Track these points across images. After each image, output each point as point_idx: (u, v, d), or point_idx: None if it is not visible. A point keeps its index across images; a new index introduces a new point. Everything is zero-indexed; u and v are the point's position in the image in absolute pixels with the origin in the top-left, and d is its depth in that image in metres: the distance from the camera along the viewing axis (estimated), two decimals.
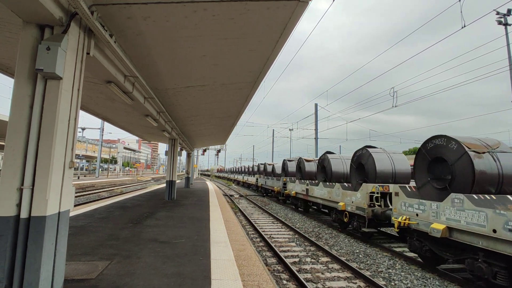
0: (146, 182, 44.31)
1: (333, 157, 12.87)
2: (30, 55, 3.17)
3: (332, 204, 11.23)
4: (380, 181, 9.49)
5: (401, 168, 9.88)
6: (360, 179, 10.12)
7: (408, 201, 7.05)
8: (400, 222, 6.99)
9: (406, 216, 7.00)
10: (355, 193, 9.55)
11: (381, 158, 9.83)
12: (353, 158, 10.73)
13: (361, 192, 9.22)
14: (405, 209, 7.09)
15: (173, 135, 14.15)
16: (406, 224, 6.92)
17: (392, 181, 9.63)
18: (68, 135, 3.42)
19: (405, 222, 6.92)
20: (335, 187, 11.01)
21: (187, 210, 11.02)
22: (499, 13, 15.41)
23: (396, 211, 7.44)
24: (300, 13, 3.95)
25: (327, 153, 13.29)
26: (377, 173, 9.54)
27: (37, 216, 3.05)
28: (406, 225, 6.92)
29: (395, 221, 7.18)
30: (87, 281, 3.91)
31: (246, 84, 7.49)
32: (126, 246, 5.73)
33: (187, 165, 27.37)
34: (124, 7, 3.71)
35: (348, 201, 9.94)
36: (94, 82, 6.71)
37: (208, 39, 4.71)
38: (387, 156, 9.96)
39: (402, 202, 7.21)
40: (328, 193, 11.57)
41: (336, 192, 10.89)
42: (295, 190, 15.77)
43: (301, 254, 7.77)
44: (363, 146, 10.53)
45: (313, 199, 13.28)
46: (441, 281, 5.96)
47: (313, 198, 13.16)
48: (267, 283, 4.18)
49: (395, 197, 7.49)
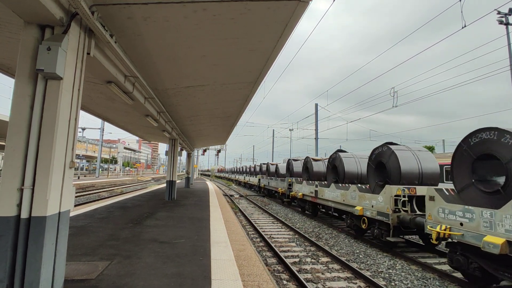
0: (146, 182, 44.33)
1: (346, 156, 11.83)
2: (31, 55, 3.17)
3: (346, 208, 10.13)
4: (405, 183, 8.35)
5: (428, 167, 8.66)
6: (380, 180, 9.01)
7: (448, 207, 5.94)
8: (439, 232, 5.88)
9: (446, 226, 5.87)
10: (376, 196, 8.46)
11: (406, 156, 8.62)
12: (371, 157, 9.54)
13: (384, 195, 8.10)
14: (445, 217, 5.97)
15: (173, 135, 14.16)
16: (446, 235, 5.83)
17: (418, 182, 8.50)
18: (68, 135, 3.43)
19: (446, 232, 5.79)
20: (350, 189, 9.96)
21: (187, 210, 11.02)
22: (500, 13, 15.40)
23: (431, 219, 6.33)
24: (301, 13, 3.95)
25: (338, 152, 12.31)
26: (401, 174, 8.34)
27: (37, 216, 3.05)
28: (447, 236, 5.82)
29: (432, 231, 6.07)
30: (87, 281, 3.91)
31: (246, 84, 7.49)
32: (126, 246, 5.73)
33: (187, 165, 27.38)
34: (124, 7, 3.72)
35: (366, 205, 8.86)
36: (95, 82, 6.71)
37: (208, 39, 4.71)
38: (412, 154, 8.78)
39: (440, 209, 6.12)
40: (342, 195, 10.45)
41: (352, 194, 9.81)
42: (302, 192, 14.72)
43: (301, 254, 7.77)
44: (383, 143, 9.39)
45: (323, 202, 12.24)
46: (441, 281, 5.96)
47: (323, 200, 12.13)
48: (267, 283, 4.18)
49: (429, 202, 6.40)
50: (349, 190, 10.04)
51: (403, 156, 8.65)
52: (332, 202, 11.37)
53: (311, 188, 13.59)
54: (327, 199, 11.73)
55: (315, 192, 12.99)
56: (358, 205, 9.32)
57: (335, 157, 12.19)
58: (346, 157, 11.78)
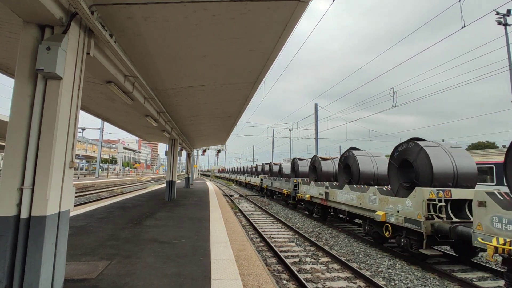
0: (146, 182, 44.31)
1: (361, 154, 10.68)
2: (31, 55, 3.17)
3: (364, 213, 9.02)
4: (437, 184, 7.12)
5: (464, 166, 7.44)
6: (406, 181, 7.85)
7: (507, 216, 4.89)
8: (498, 247, 4.84)
9: (507, 239, 4.81)
10: (402, 200, 7.27)
11: (437, 153, 7.44)
12: (393, 154, 8.43)
13: (414, 199, 6.91)
14: (503, 228, 4.95)
15: (173, 135, 14.15)
16: (506, 251, 4.77)
17: (453, 184, 7.28)
18: (68, 135, 3.42)
19: (507, 248, 4.75)
20: (369, 192, 8.79)
21: (187, 210, 11.02)
22: (499, 13, 15.43)
23: (481, 229, 5.31)
24: (300, 13, 3.96)
25: (352, 150, 11.13)
26: (434, 174, 7.08)
27: (37, 216, 3.05)
28: (506, 252, 4.76)
29: (488, 245, 5.03)
30: (87, 281, 3.91)
31: (246, 84, 7.50)
32: (126, 246, 5.72)
33: (187, 165, 27.37)
34: (124, 7, 3.72)
35: (390, 210, 7.70)
36: (94, 82, 6.71)
37: (208, 39, 4.71)
38: (444, 151, 7.57)
39: (495, 217, 5.08)
40: (358, 198, 9.28)
41: (371, 197, 8.64)
42: (309, 194, 13.50)
43: (301, 254, 7.77)
44: (408, 139, 8.20)
45: (334, 205, 11.04)
46: (441, 281, 5.96)
47: (335, 203, 10.96)
48: (267, 283, 4.18)
49: (479, 208, 5.40)
50: (368, 193, 8.86)
51: (435, 153, 7.37)
52: (346, 206, 10.20)
53: (320, 189, 12.42)
54: (340, 202, 10.52)
55: (325, 194, 11.77)
56: (379, 210, 8.13)
57: (348, 155, 11.08)
58: (361, 155, 10.60)
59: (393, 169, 8.43)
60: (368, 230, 8.99)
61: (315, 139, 25.81)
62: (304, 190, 14.39)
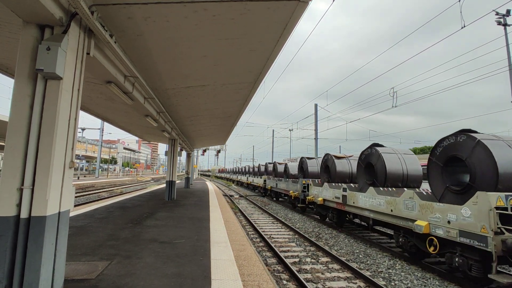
0: (146, 182, 44.31)
1: (386, 152, 9.22)
2: (30, 55, 3.17)
3: (397, 222, 7.43)
4: (501, 188, 5.50)
5: None
6: (455, 184, 6.32)
7: None
8: None
9: None
10: (457, 208, 5.76)
11: (501, 149, 5.78)
12: (435, 150, 6.85)
13: (475, 207, 5.40)
14: None
15: (173, 135, 14.15)
16: None
17: None
18: (68, 135, 3.42)
19: None
20: (404, 196, 7.17)
21: (187, 210, 11.02)
22: (499, 14, 15.43)
23: None
24: (300, 13, 3.96)
25: (375, 146, 9.66)
26: (499, 175, 5.45)
27: (37, 216, 3.05)
28: None
29: None
30: (87, 281, 3.91)
31: (246, 84, 7.50)
32: (126, 246, 5.72)
33: (187, 165, 27.38)
34: (124, 7, 3.72)
35: (436, 220, 6.20)
36: (94, 82, 6.71)
37: (208, 39, 4.71)
38: (508, 146, 6.05)
39: None
40: (388, 204, 7.73)
41: (407, 203, 7.07)
42: (322, 197, 12.00)
43: (301, 254, 7.77)
44: (457, 131, 6.62)
45: (355, 211, 9.53)
46: (441, 281, 5.96)
47: (356, 209, 9.45)
48: (267, 283, 4.18)
49: None
50: (402, 197, 7.26)
51: (497, 149, 5.72)
52: (370, 212, 8.68)
53: (336, 192, 10.86)
54: (363, 208, 9.00)
55: (343, 198, 10.23)
56: (420, 219, 6.60)
57: (370, 153, 9.61)
58: (387, 152, 9.15)
59: (435, 168, 6.83)
60: (402, 243, 7.37)
61: (315, 139, 25.82)
62: (316, 192, 12.85)
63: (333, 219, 11.33)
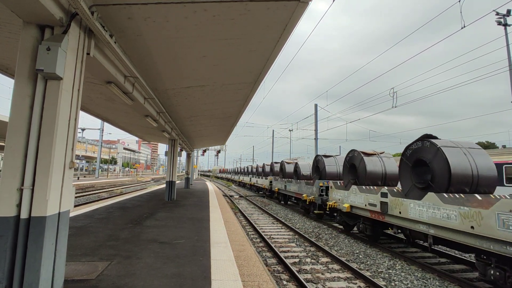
0: (146, 182, 44.30)
1: (447, 145, 6.83)
2: (31, 55, 3.17)
3: (486, 245, 5.15)
4: None
5: None
6: None
7: None
8: None
9: None
10: None
11: None
12: None
13: None
14: None
15: (173, 135, 14.15)
16: None
17: None
18: (68, 136, 3.42)
19: None
20: (499, 207, 4.92)
21: (187, 210, 11.01)
22: (499, 14, 15.44)
23: None
24: (300, 13, 3.96)
25: (428, 138, 7.33)
26: None
27: (37, 216, 3.05)
28: None
29: None
30: (87, 281, 3.90)
31: (246, 85, 7.50)
32: (126, 246, 5.72)
33: (187, 165, 27.38)
34: (124, 7, 3.72)
35: None
36: (94, 82, 6.71)
37: (208, 39, 4.71)
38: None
39: None
40: (466, 218, 5.49)
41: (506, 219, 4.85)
42: (348, 203, 9.80)
43: (301, 254, 7.77)
44: None
45: (402, 223, 7.29)
46: (441, 281, 5.96)
47: (404, 221, 7.22)
48: (267, 284, 4.18)
49: None
50: (493, 209, 5.02)
51: None
52: (429, 227, 6.40)
53: (370, 197, 8.64)
54: (417, 220, 6.75)
55: (382, 205, 8.02)
56: None
57: (422, 147, 7.28)
58: (447, 146, 6.83)
59: None
60: (497, 276, 5.15)
61: (315, 140, 25.83)
62: (339, 197, 10.60)
63: (365, 231, 9.06)
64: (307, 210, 14.33)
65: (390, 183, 9.87)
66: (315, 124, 25.83)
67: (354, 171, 10.51)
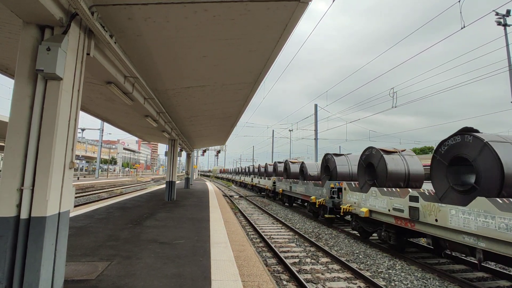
0: (146, 183, 44.29)
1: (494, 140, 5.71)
2: (30, 55, 3.17)
3: None
4: None
5: None
6: None
7: None
8: None
9: None
10: None
11: None
12: None
13: None
14: None
15: (173, 135, 14.15)
16: None
17: None
18: (68, 136, 3.42)
19: None
20: None
21: (187, 211, 11.01)
22: (498, 14, 15.44)
23: None
24: (300, 13, 3.96)
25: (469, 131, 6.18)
26: None
27: (37, 216, 3.05)
28: None
29: None
30: (87, 281, 3.90)
31: (246, 85, 7.50)
32: (126, 246, 5.72)
33: (187, 165, 27.37)
34: (125, 7, 3.72)
35: None
36: (94, 82, 6.71)
37: (208, 39, 4.71)
38: None
39: None
40: None
41: None
42: (367, 207, 8.64)
43: (301, 254, 7.76)
44: None
45: (439, 233, 6.15)
46: (441, 281, 5.96)
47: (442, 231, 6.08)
48: (267, 284, 4.18)
49: None
50: None
51: None
52: (478, 239, 5.29)
53: (395, 201, 7.43)
54: (460, 230, 5.61)
55: (411, 211, 6.83)
56: None
57: (461, 142, 6.08)
58: (495, 141, 5.63)
59: None
60: None
61: (315, 140, 25.83)
62: (355, 200, 9.43)
63: (388, 240, 7.85)
64: (316, 213, 13.22)
65: (414, 184, 8.86)
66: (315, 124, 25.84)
67: (371, 171, 9.44)
